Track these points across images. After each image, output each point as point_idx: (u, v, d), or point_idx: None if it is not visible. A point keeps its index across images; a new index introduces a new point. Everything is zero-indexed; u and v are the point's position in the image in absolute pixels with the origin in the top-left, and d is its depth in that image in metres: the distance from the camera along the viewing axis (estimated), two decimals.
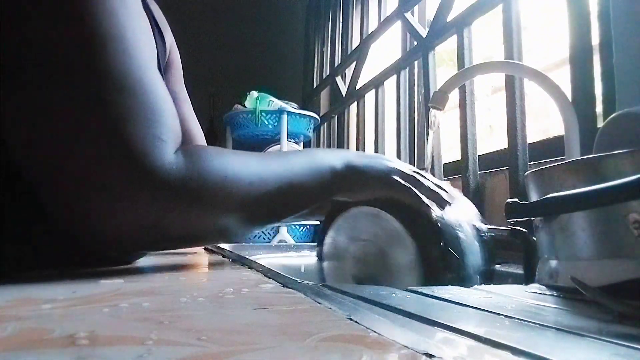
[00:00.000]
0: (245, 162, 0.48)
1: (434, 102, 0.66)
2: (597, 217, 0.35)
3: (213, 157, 0.45)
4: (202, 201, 0.43)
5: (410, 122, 1.34)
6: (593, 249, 0.35)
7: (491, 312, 0.32)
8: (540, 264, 0.42)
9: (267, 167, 0.49)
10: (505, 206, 0.40)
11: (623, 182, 0.30)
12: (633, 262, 0.32)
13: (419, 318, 0.29)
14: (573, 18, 0.72)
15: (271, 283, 0.41)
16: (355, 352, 0.21)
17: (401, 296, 0.38)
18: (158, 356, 0.19)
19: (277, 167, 0.50)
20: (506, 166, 0.85)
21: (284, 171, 0.51)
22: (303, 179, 0.52)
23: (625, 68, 0.61)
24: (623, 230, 0.32)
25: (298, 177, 0.51)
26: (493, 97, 1.37)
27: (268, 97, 1.71)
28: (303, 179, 0.52)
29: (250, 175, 0.47)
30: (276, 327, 0.25)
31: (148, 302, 0.30)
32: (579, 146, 0.62)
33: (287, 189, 0.50)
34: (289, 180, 0.50)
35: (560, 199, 0.35)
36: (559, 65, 0.97)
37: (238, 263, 0.61)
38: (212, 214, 0.45)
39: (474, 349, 0.23)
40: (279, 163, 0.52)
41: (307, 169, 0.53)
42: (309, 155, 0.57)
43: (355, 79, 1.65)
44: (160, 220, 0.42)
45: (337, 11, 2.00)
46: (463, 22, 1.02)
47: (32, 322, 0.24)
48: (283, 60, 2.45)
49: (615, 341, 0.24)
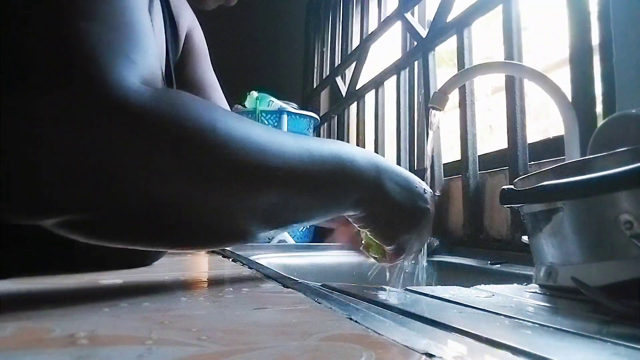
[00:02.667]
0: (247, 124, 0.36)
1: (433, 103, 0.66)
2: (588, 219, 0.35)
3: (200, 103, 0.34)
4: (177, 153, 0.31)
5: (410, 122, 1.34)
6: (586, 252, 0.35)
7: (491, 312, 0.32)
8: (537, 265, 0.42)
9: (278, 139, 0.37)
10: (500, 193, 0.41)
11: (614, 172, 0.30)
12: (627, 262, 0.32)
13: (419, 318, 0.29)
14: (573, 18, 0.72)
15: (271, 283, 0.41)
16: (355, 352, 0.21)
17: (401, 296, 0.38)
18: (158, 356, 0.19)
19: (295, 146, 0.38)
20: (506, 166, 0.85)
21: (302, 153, 0.39)
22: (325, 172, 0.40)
23: (625, 68, 0.61)
24: (615, 232, 0.32)
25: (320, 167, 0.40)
26: (493, 97, 1.37)
27: (268, 97, 1.71)
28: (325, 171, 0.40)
29: (251, 140, 0.35)
30: (276, 327, 0.25)
31: (148, 302, 0.30)
32: (578, 146, 0.62)
33: (303, 180, 0.38)
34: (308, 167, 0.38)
35: (553, 186, 0.35)
36: (559, 65, 0.97)
37: (238, 263, 0.61)
38: (195, 177, 0.32)
39: (474, 349, 0.23)
40: (297, 141, 0.39)
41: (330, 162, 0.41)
42: (331, 143, 0.44)
43: (355, 79, 1.65)
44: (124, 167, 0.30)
45: (337, 11, 2.00)
46: (463, 22, 1.02)
47: (32, 322, 0.24)
48: (283, 60, 2.45)
49: (615, 341, 0.24)
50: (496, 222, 0.89)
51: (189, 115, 0.32)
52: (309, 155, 0.39)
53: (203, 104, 0.34)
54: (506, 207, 0.40)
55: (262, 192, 0.36)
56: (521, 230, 0.67)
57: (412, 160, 1.35)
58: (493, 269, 0.72)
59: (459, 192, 0.99)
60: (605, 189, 0.32)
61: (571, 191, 0.34)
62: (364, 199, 0.44)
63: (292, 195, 0.38)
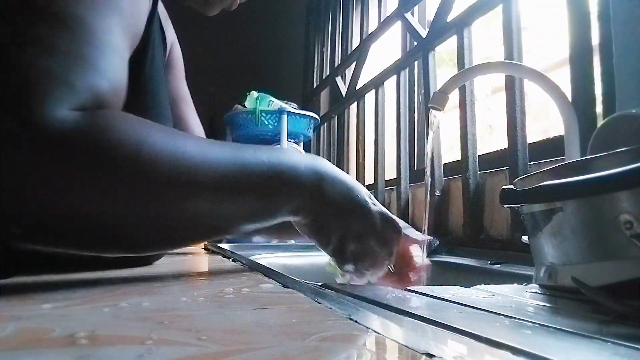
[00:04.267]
0: (178, 139, 0.38)
1: (433, 103, 0.66)
2: (588, 219, 0.35)
3: (130, 123, 0.35)
4: (100, 174, 0.33)
5: (410, 122, 1.34)
6: (586, 252, 0.35)
7: (491, 312, 0.32)
8: (537, 265, 0.42)
9: (210, 151, 0.39)
10: (500, 193, 0.41)
11: (614, 172, 0.30)
12: (627, 262, 0.32)
13: (419, 318, 0.29)
14: (573, 18, 0.72)
15: (271, 283, 0.41)
16: (355, 352, 0.21)
17: (401, 296, 0.38)
18: (158, 356, 0.19)
19: (227, 155, 0.40)
20: (506, 166, 0.85)
21: (235, 161, 0.40)
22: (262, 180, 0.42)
23: (625, 68, 0.61)
24: (615, 232, 0.32)
25: (256, 175, 0.41)
26: (493, 97, 1.37)
27: (268, 97, 1.71)
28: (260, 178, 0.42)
29: (180, 154, 0.36)
30: (276, 327, 0.25)
31: (148, 302, 0.30)
32: (578, 146, 0.62)
33: (236, 188, 0.40)
34: (240, 176, 0.40)
35: (553, 187, 0.35)
36: (559, 65, 0.97)
37: (238, 263, 0.61)
38: (121, 195, 0.34)
39: (474, 349, 0.23)
40: (232, 152, 0.41)
41: (266, 170, 0.42)
42: (275, 151, 0.46)
43: (355, 79, 1.65)
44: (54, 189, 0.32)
45: (337, 11, 2.00)
46: (463, 22, 1.02)
47: (32, 322, 0.24)
48: (283, 60, 2.45)
49: (615, 341, 0.24)
50: (496, 222, 0.89)
51: (117, 136, 0.34)
52: (242, 163, 0.41)
53: (134, 124, 0.36)
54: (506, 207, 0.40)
55: (193, 202, 0.38)
56: (521, 230, 0.67)
57: (412, 160, 1.35)
58: (493, 269, 0.72)
59: (459, 192, 0.99)
60: (605, 189, 0.32)
61: (571, 191, 0.34)
62: (304, 206, 0.45)
63: (226, 203, 0.40)
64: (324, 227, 0.47)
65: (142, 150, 0.35)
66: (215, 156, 0.39)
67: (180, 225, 0.39)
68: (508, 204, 0.41)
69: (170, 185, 0.36)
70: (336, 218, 0.47)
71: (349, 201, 0.47)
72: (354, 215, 0.47)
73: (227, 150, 0.41)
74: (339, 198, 0.47)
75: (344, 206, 0.47)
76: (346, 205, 0.47)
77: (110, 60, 0.38)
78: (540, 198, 0.38)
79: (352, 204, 0.47)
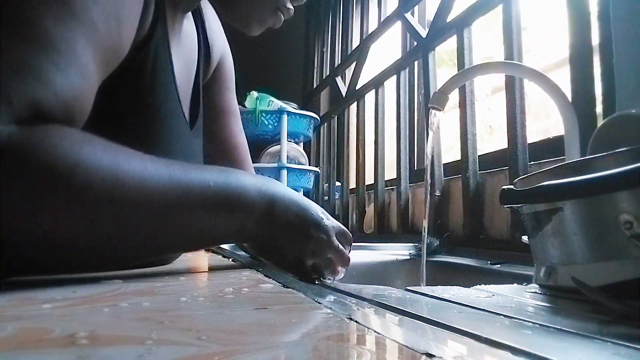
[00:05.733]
0: (119, 158, 0.36)
1: (433, 103, 0.66)
2: (588, 219, 0.35)
3: (69, 141, 0.34)
4: (35, 194, 0.32)
5: (410, 122, 1.34)
6: (586, 252, 0.35)
7: (491, 312, 0.32)
8: (537, 265, 0.42)
9: (150, 172, 0.38)
10: (500, 193, 0.41)
11: (614, 172, 0.30)
12: (627, 262, 0.32)
13: (419, 318, 0.29)
14: (573, 18, 0.72)
15: (271, 283, 0.41)
16: (355, 352, 0.21)
17: (401, 296, 0.38)
18: (158, 356, 0.19)
19: (170, 177, 0.39)
20: (506, 166, 0.85)
21: (178, 183, 0.39)
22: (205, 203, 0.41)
23: (625, 68, 0.61)
24: (615, 232, 0.32)
25: (199, 197, 0.41)
26: (493, 97, 1.37)
27: (268, 97, 1.71)
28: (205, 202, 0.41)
29: (116, 176, 0.35)
30: (276, 327, 0.25)
31: (148, 302, 0.30)
32: (578, 146, 0.62)
33: (176, 212, 0.39)
34: (180, 200, 0.39)
35: (553, 187, 0.35)
36: (559, 65, 0.97)
37: (238, 263, 0.61)
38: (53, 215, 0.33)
39: (474, 349, 0.23)
40: (179, 170, 0.40)
41: (211, 194, 0.41)
42: (223, 173, 0.45)
43: (355, 79, 1.65)
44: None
45: (337, 11, 2.00)
46: (463, 22, 1.02)
47: (32, 322, 0.24)
48: (283, 60, 2.45)
49: (615, 341, 0.24)
50: (496, 222, 0.89)
51: (50, 155, 0.33)
52: (185, 186, 0.40)
53: (72, 141, 0.35)
54: (506, 207, 0.40)
55: (132, 224, 0.37)
56: (521, 230, 0.67)
57: (412, 160, 1.35)
58: (493, 269, 0.72)
59: (459, 192, 0.99)
60: (605, 189, 0.32)
61: (571, 191, 0.34)
62: (252, 227, 0.45)
63: (166, 226, 0.39)
64: (277, 249, 0.49)
65: (76, 171, 0.33)
66: (155, 178, 0.38)
67: (128, 245, 0.39)
68: (508, 204, 0.41)
69: (105, 207, 0.35)
70: (290, 239, 0.48)
71: (303, 220, 0.48)
72: (309, 233, 0.48)
73: (171, 171, 0.40)
74: (292, 218, 0.47)
75: (297, 226, 0.48)
76: (300, 224, 0.48)
77: (65, 73, 0.36)
78: (540, 198, 0.38)
79: (306, 222, 0.48)
